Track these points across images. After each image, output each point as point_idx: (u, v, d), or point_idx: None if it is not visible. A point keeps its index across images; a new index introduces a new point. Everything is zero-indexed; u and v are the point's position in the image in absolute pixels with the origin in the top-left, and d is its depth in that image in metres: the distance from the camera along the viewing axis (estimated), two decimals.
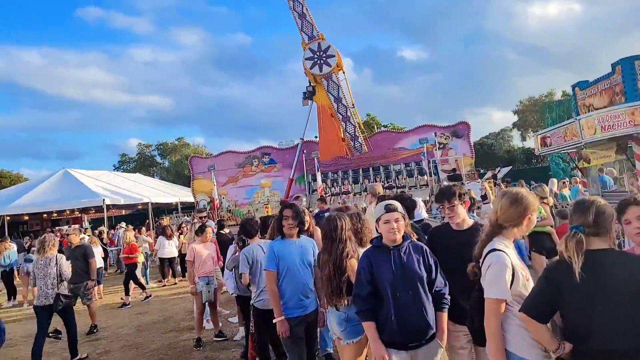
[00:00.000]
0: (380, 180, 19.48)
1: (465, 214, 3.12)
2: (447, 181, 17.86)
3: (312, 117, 22.61)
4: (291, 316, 3.92)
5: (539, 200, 4.68)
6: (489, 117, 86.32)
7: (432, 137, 21.36)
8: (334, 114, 21.59)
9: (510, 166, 27.32)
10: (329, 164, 21.58)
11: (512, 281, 2.28)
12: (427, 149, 19.71)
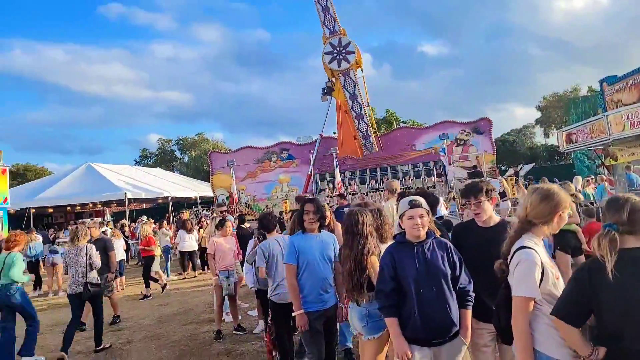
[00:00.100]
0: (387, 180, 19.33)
1: (492, 211, 3.05)
2: (467, 178, 17.65)
3: (331, 113, 22.57)
4: (310, 310, 3.90)
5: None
6: (511, 113, 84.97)
7: (453, 133, 21.11)
8: (348, 111, 21.51)
9: (533, 163, 26.80)
10: (326, 164, 21.52)
11: (542, 279, 2.22)
12: (444, 146, 19.43)
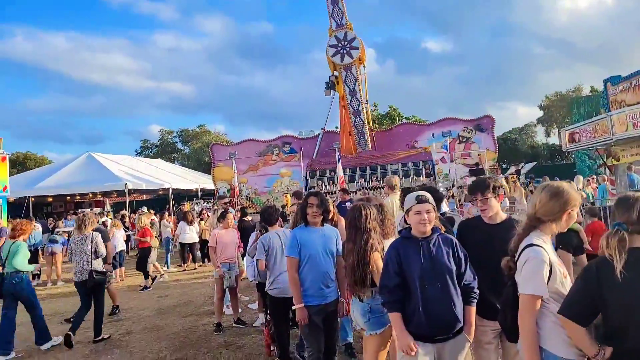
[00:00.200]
0: (376, 179, 19.30)
1: (499, 207, 3.03)
2: (469, 175, 17.64)
3: (334, 108, 22.52)
4: (310, 304, 3.86)
5: None
6: (512, 112, 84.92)
7: (455, 130, 21.06)
8: (346, 106, 21.48)
9: (534, 162, 26.76)
10: (324, 162, 21.49)
11: (549, 278, 2.21)
12: (446, 143, 19.36)
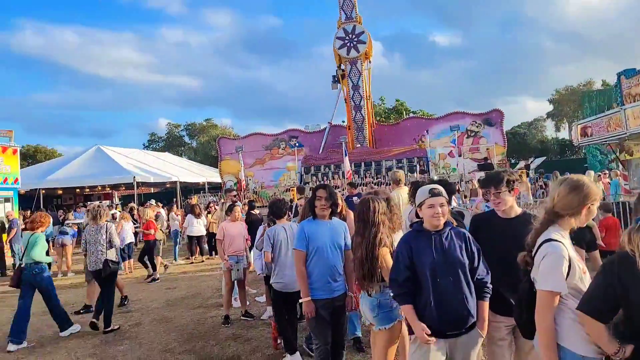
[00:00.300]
0: (370, 175, 19.20)
1: (514, 202, 2.96)
2: (477, 170, 17.46)
3: (341, 102, 22.42)
4: (317, 297, 3.82)
5: None
6: (522, 106, 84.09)
7: (463, 124, 20.87)
8: (348, 100, 21.35)
9: (544, 157, 26.50)
10: (319, 157, 21.38)
11: (568, 273, 2.15)
12: (455, 137, 19.15)
